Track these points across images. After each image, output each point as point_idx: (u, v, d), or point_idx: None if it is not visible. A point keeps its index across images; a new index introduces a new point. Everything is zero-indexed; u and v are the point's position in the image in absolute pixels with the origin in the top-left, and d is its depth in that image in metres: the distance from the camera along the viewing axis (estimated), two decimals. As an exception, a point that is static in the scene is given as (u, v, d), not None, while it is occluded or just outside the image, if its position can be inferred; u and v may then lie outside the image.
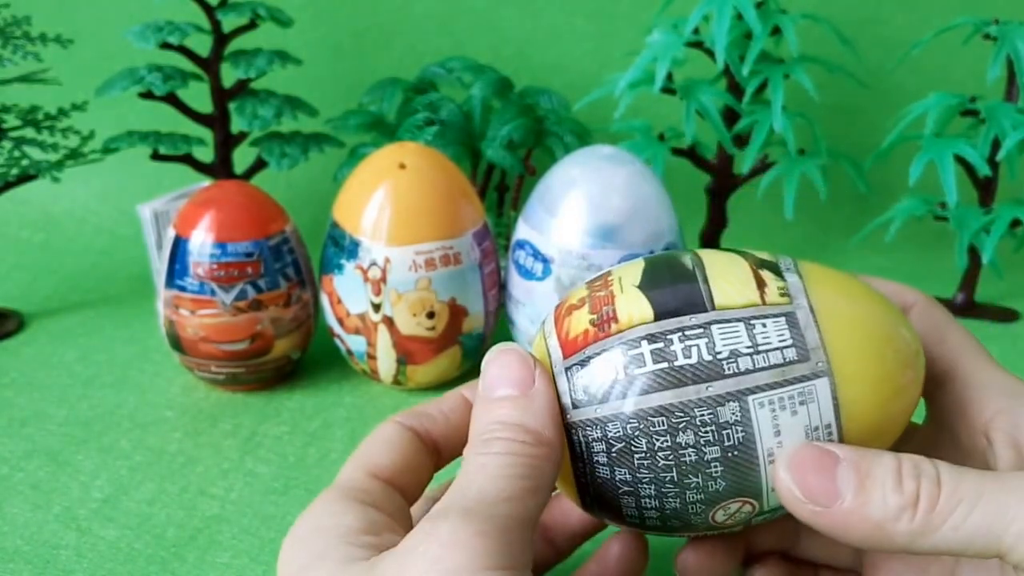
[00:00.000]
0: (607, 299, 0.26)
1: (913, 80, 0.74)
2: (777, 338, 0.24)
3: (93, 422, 0.48)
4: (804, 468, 0.24)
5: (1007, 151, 0.55)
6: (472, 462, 0.24)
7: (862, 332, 0.25)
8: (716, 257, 0.26)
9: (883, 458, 0.23)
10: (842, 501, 0.23)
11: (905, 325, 0.26)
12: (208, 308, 0.47)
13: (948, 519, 0.22)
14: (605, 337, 0.25)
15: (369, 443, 0.29)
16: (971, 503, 0.22)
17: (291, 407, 0.50)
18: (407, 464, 0.28)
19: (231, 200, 0.48)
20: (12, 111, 0.59)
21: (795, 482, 0.24)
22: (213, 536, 0.39)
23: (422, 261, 0.47)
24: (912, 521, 0.23)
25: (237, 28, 0.62)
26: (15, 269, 0.68)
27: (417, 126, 0.61)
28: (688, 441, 0.24)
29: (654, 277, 0.26)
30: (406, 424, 0.29)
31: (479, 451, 0.25)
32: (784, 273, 0.26)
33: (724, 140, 0.60)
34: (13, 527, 0.40)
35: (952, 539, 0.22)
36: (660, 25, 0.61)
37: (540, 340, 0.28)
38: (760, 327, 0.24)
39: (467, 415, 0.29)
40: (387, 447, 0.28)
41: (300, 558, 0.24)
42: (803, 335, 0.24)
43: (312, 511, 0.26)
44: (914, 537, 0.23)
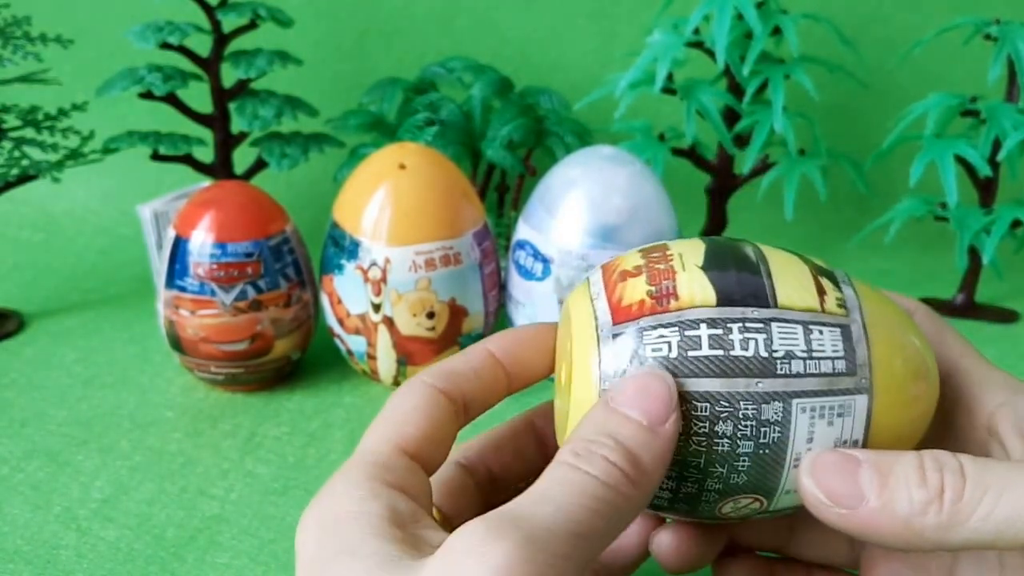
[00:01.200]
0: (667, 273, 0.25)
1: (914, 80, 0.74)
2: (831, 348, 0.24)
3: (93, 422, 0.48)
4: (827, 472, 0.24)
5: (1008, 151, 0.55)
6: (561, 472, 0.22)
7: (901, 354, 0.25)
8: (778, 255, 0.26)
9: (904, 456, 0.24)
10: (867, 502, 0.23)
11: (923, 340, 0.27)
12: (208, 308, 0.47)
13: (976, 509, 0.22)
14: (663, 312, 0.25)
15: (397, 408, 0.27)
16: (998, 491, 0.22)
17: (291, 408, 0.50)
18: (436, 434, 0.27)
19: (231, 200, 0.48)
20: (12, 111, 0.59)
21: (819, 486, 0.24)
22: (213, 536, 0.39)
23: (422, 261, 0.47)
24: (940, 514, 0.22)
25: (237, 28, 0.62)
26: (15, 269, 0.68)
27: (417, 126, 0.61)
28: (726, 431, 0.24)
29: (717, 260, 0.25)
30: (438, 387, 0.27)
31: (575, 461, 0.23)
32: (841, 284, 0.26)
33: (724, 140, 0.60)
34: (13, 527, 0.40)
35: (982, 530, 0.22)
36: (660, 25, 0.61)
37: (584, 300, 0.27)
38: (817, 333, 0.24)
39: (495, 372, 0.28)
40: (418, 415, 0.26)
41: (327, 548, 0.23)
42: (854, 349, 0.25)
43: (335, 491, 0.24)
44: (944, 531, 0.22)
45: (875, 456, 0.24)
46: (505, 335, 0.29)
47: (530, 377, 0.29)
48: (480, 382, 0.28)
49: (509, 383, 0.29)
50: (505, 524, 0.21)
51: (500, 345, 0.29)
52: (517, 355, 0.29)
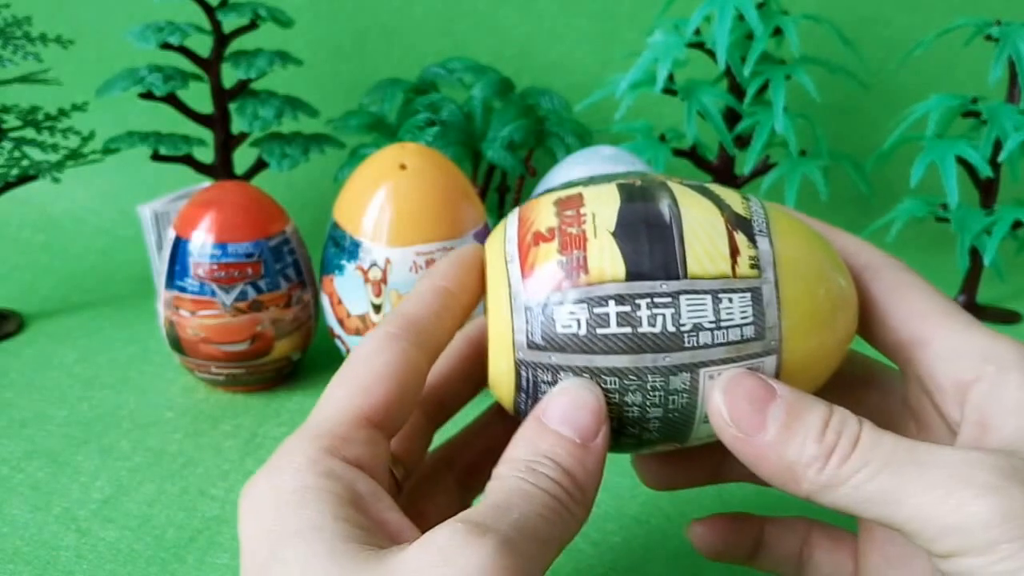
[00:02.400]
0: (579, 240, 0.25)
1: (915, 81, 0.74)
2: (740, 315, 0.24)
3: (93, 423, 0.48)
4: (740, 395, 0.24)
5: (1008, 152, 0.55)
6: (514, 483, 0.23)
7: (812, 304, 0.25)
8: (693, 204, 0.25)
9: (817, 406, 0.24)
10: (765, 434, 0.23)
11: (841, 273, 0.26)
12: (208, 309, 0.47)
13: (851, 479, 0.22)
14: (572, 286, 0.25)
15: (365, 371, 0.25)
16: (876, 469, 0.22)
17: (291, 408, 0.50)
18: (405, 397, 0.25)
19: (231, 201, 0.48)
20: (12, 111, 0.59)
21: (727, 405, 0.24)
22: (213, 537, 0.39)
23: (423, 262, 0.47)
24: (820, 472, 0.23)
25: (238, 28, 0.62)
26: (15, 270, 0.68)
27: (418, 127, 0.61)
28: (634, 401, 0.25)
29: (630, 225, 0.25)
30: (409, 340, 0.26)
31: (524, 476, 0.23)
32: (757, 237, 0.25)
33: (725, 141, 0.60)
34: (13, 528, 0.40)
35: (849, 498, 0.23)
36: (661, 26, 0.61)
37: (499, 255, 0.26)
38: (727, 302, 0.24)
39: (453, 308, 0.28)
40: (388, 380, 0.25)
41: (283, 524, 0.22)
42: (764, 313, 0.24)
43: (291, 463, 0.23)
44: (817, 488, 0.23)
45: (792, 396, 0.24)
46: (447, 265, 0.29)
47: (475, 301, 0.29)
48: (441, 323, 0.27)
49: (462, 313, 0.28)
50: (481, 528, 0.21)
51: (447, 276, 0.28)
52: (464, 282, 0.28)
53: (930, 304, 0.26)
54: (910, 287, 0.27)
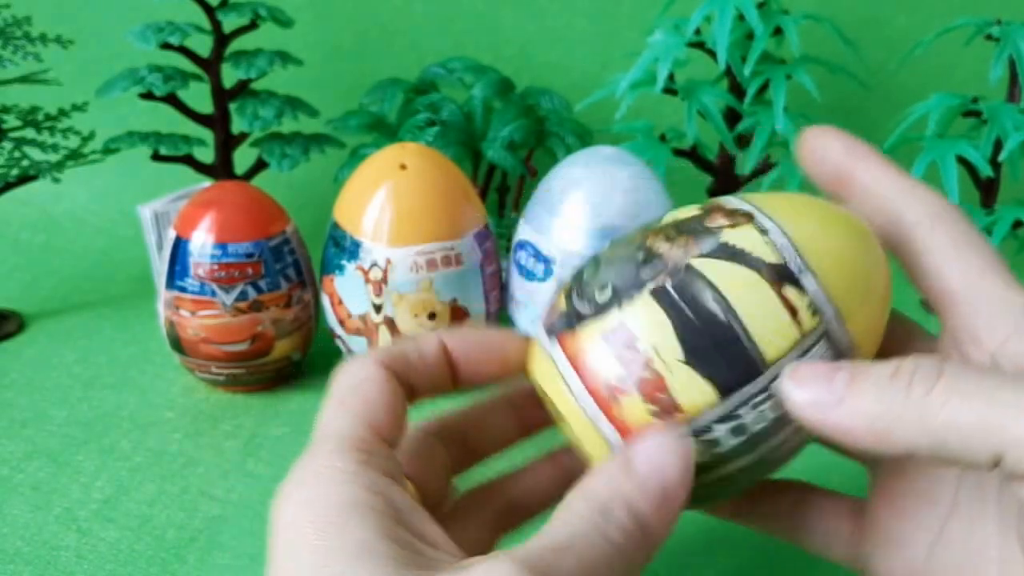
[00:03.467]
0: (658, 383, 0.24)
1: (915, 81, 0.74)
2: (823, 356, 0.25)
3: (93, 423, 0.48)
4: (806, 377, 0.24)
5: (1009, 152, 0.55)
6: (581, 526, 0.23)
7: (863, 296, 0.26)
8: (733, 283, 0.25)
9: (882, 362, 0.24)
10: (837, 396, 0.23)
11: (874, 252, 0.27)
12: (208, 309, 0.47)
13: (944, 408, 0.22)
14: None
15: (363, 392, 0.26)
16: (969, 394, 0.22)
17: (292, 408, 0.50)
18: (399, 419, 0.26)
19: (232, 201, 0.48)
20: (12, 112, 0.59)
21: (796, 387, 0.24)
22: (214, 537, 0.39)
23: (423, 262, 0.47)
24: (905, 405, 0.22)
25: (238, 28, 0.62)
26: (15, 270, 0.68)
27: (418, 127, 0.61)
28: (743, 463, 0.26)
29: (695, 344, 0.24)
30: (395, 370, 0.27)
31: (597, 520, 0.23)
32: (801, 280, 0.25)
33: (726, 141, 0.60)
34: (13, 528, 0.40)
35: (947, 430, 0.22)
36: (662, 25, 0.61)
37: (577, 412, 0.26)
38: (810, 357, 0.25)
39: (443, 367, 0.28)
40: (384, 399, 0.26)
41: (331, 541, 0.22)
42: (839, 343, 0.25)
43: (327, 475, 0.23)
44: (909, 427, 0.22)
45: (855, 364, 0.24)
46: (464, 333, 0.29)
47: (479, 380, 0.29)
48: (427, 373, 0.28)
49: (456, 380, 0.29)
50: (534, 569, 0.20)
51: (455, 341, 0.29)
52: (470, 355, 0.29)
53: (979, 261, 0.26)
54: (963, 242, 0.27)
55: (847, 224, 0.26)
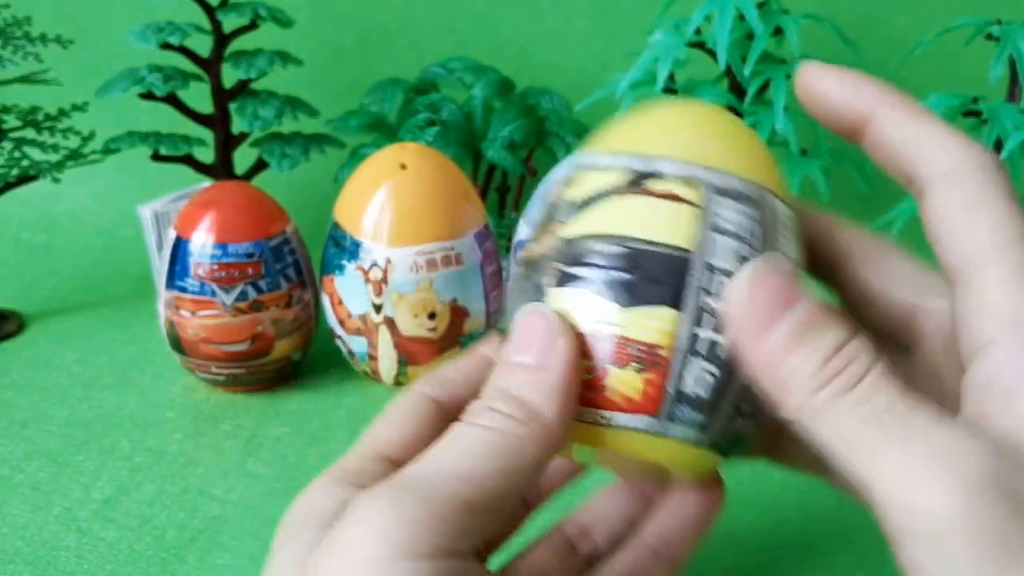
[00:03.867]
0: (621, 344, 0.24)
1: (915, 80, 0.73)
2: (742, 214, 0.25)
3: (93, 423, 0.48)
4: (765, 288, 0.22)
5: (1009, 152, 0.55)
6: (453, 430, 0.23)
7: (744, 145, 0.26)
8: (606, 219, 0.25)
9: (837, 326, 0.22)
10: (772, 336, 0.22)
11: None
12: (209, 309, 0.47)
13: (841, 414, 0.20)
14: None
15: (384, 417, 0.28)
16: (868, 415, 0.20)
17: (292, 408, 0.50)
18: (420, 438, 0.27)
19: (232, 201, 0.48)
20: (12, 112, 0.59)
21: (749, 292, 0.22)
22: (213, 537, 0.39)
23: (423, 262, 0.47)
24: (814, 394, 0.21)
25: (238, 28, 0.62)
26: (15, 270, 0.68)
27: (418, 127, 0.61)
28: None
29: (619, 288, 0.24)
30: (429, 394, 0.28)
31: (468, 419, 0.23)
32: (655, 169, 0.25)
33: (726, 141, 0.60)
34: (13, 528, 0.40)
35: (832, 432, 0.21)
36: (662, 25, 0.60)
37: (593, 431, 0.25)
38: (729, 214, 0.25)
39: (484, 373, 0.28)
40: (402, 422, 0.27)
41: (278, 537, 0.24)
42: (746, 193, 0.25)
43: (308, 489, 0.25)
44: (805, 411, 0.21)
45: (815, 307, 0.22)
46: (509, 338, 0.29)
47: None
48: (470, 385, 0.28)
49: None
50: (383, 485, 0.21)
51: (494, 347, 0.29)
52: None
53: (990, 232, 0.21)
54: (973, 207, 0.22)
55: (670, 106, 0.27)
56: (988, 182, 0.22)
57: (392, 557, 0.20)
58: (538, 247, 0.26)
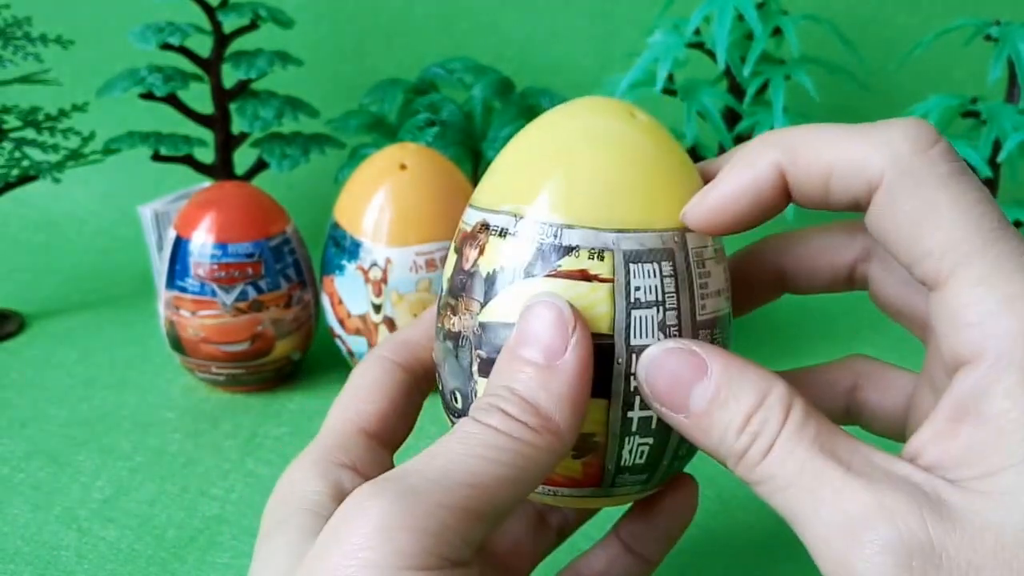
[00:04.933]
0: None
1: (914, 81, 0.74)
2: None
3: (94, 423, 0.48)
4: (664, 374, 0.22)
5: (1008, 152, 0.55)
6: (460, 428, 0.21)
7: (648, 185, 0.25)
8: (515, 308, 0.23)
9: (748, 388, 0.21)
10: (687, 414, 0.22)
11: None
12: (209, 309, 0.47)
13: (763, 483, 0.21)
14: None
15: (357, 387, 0.27)
16: (784, 482, 0.21)
17: (292, 408, 0.50)
18: (396, 410, 0.26)
19: (232, 201, 0.48)
20: (13, 112, 0.59)
21: (649, 384, 0.23)
22: (213, 537, 0.39)
23: (423, 262, 0.47)
24: (736, 465, 0.22)
25: (238, 29, 0.62)
26: (16, 270, 0.68)
27: (418, 127, 0.61)
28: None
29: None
30: (395, 360, 0.27)
31: (474, 415, 0.22)
32: (564, 240, 0.23)
33: (725, 141, 0.60)
34: (14, 528, 0.40)
35: (769, 500, 0.21)
36: (661, 26, 0.61)
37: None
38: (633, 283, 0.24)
39: None
40: (374, 392, 0.26)
41: (267, 522, 0.24)
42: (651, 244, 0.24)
43: (290, 471, 0.25)
44: (745, 479, 0.22)
45: (723, 373, 0.22)
46: None
47: None
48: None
49: None
50: (387, 481, 0.20)
51: None
52: None
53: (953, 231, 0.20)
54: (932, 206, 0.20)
55: (575, 129, 0.25)
56: (917, 181, 0.20)
57: (395, 566, 0.19)
58: (458, 322, 0.24)
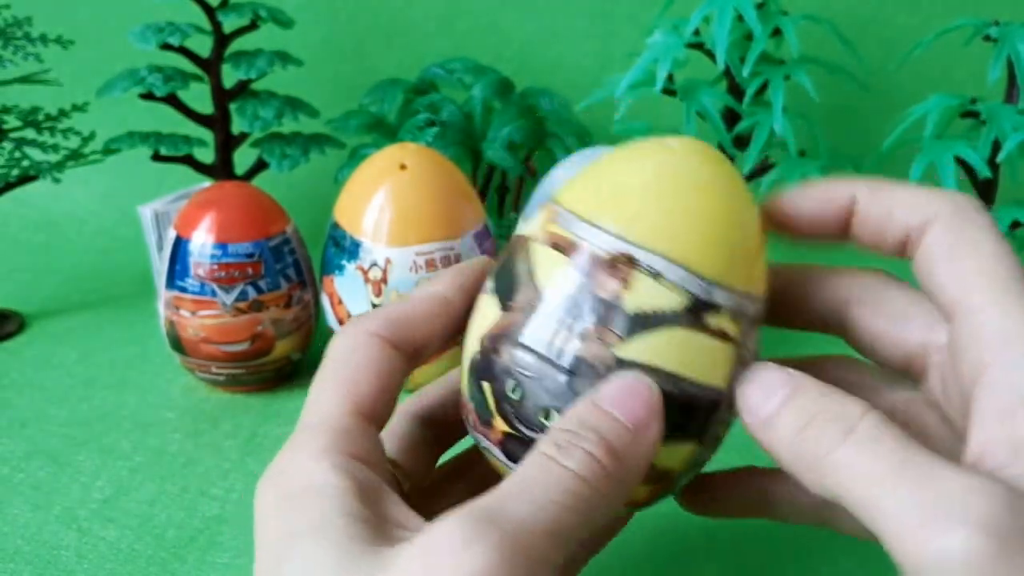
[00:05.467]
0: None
1: (914, 82, 0.74)
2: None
3: (94, 423, 0.48)
4: (756, 384, 0.24)
5: (1007, 153, 0.55)
6: (540, 464, 0.21)
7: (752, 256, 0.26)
8: (669, 354, 0.24)
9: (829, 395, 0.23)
10: (769, 417, 0.23)
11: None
12: (209, 309, 0.47)
13: (840, 472, 0.21)
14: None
15: (347, 365, 0.25)
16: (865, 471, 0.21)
17: (292, 408, 0.50)
18: (387, 391, 0.26)
19: (232, 201, 0.48)
20: (13, 112, 0.59)
21: (746, 393, 0.24)
22: (213, 537, 0.39)
23: (423, 262, 0.47)
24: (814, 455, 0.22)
25: (238, 29, 0.62)
26: (16, 270, 0.68)
27: (418, 127, 0.61)
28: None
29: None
30: (386, 337, 0.26)
31: (555, 454, 0.22)
32: (713, 299, 0.24)
33: (724, 141, 0.60)
34: (14, 527, 0.40)
35: (839, 495, 0.21)
36: (661, 26, 0.61)
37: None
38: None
39: (451, 316, 0.27)
40: (369, 372, 0.25)
41: (292, 524, 0.22)
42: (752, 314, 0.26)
43: (295, 461, 0.23)
44: (813, 476, 0.22)
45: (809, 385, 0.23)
46: (448, 272, 0.28)
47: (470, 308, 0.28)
48: (431, 327, 0.27)
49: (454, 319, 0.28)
50: (485, 524, 0.20)
51: (445, 281, 0.27)
52: (464, 288, 0.27)
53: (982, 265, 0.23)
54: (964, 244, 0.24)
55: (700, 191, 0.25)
56: (969, 221, 0.24)
57: None
58: (582, 347, 0.24)
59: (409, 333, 0.26)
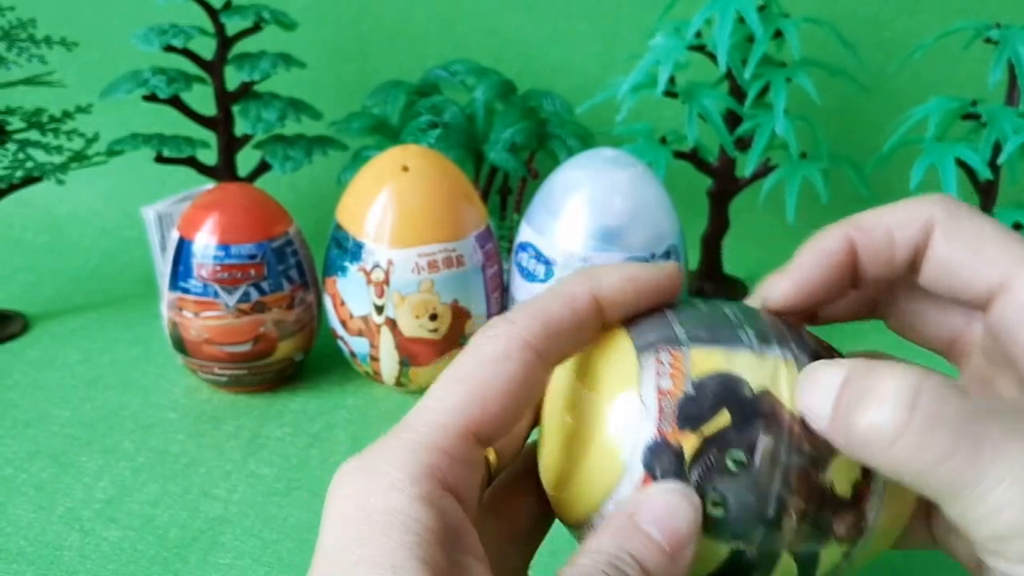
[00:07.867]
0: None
1: (915, 84, 0.74)
2: None
3: (96, 423, 0.48)
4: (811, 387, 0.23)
5: (1008, 155, 0.55)
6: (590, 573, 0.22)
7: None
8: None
9: (888, 370, 0.22)
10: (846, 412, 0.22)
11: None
12: (211, 310, 0.48)
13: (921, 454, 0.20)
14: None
15: (488, 376, 0.23)
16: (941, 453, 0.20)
17: (294, 409, 0.50)
18: (518, 413, 0.23)
19: (235, 202, 0.49)
20: (17, 113, 0.59)
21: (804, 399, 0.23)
22: (215, 537, 0.40)
23: (425, 263, 0.47)
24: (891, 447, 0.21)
25: (241, 31, 0.62)
26: (19, 271, 0.68)
27: (420, 129, 0.61)
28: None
29: None
30: (540, 352, 0.23)
31: (606, 570, 0.22)
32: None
33: (726, 143, 0.60)
34: (17, 528, 0.40)
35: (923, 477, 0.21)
36: (663, 29, 0.61)
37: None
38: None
39: (594, 325, 0.25)
40: (507, 396, 0.23)
41: (360, 543, 0.21)
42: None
43: (388, 472, 0.21)
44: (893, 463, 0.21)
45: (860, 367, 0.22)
46: (615, 278, 0.25)
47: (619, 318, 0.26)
48: (579, 336, 0.24)
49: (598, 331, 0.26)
50: None
51: (609, 291, 0.25)
52: (627, 303, 0.25)
53: (1009, 248, 0.24)
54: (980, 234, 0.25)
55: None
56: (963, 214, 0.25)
57: None
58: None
59: (559, 343, 0.24)
